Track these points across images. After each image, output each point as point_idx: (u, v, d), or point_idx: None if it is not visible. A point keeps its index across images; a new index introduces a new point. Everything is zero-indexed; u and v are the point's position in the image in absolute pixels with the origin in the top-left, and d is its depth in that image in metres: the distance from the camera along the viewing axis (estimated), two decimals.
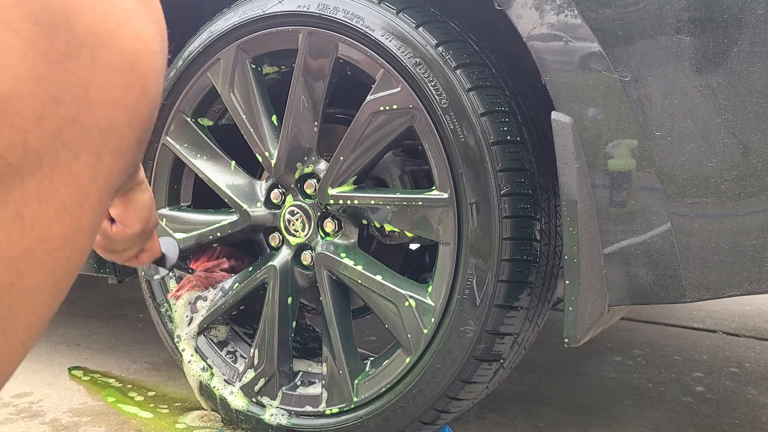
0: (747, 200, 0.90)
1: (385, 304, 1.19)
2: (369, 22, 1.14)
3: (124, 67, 0.40)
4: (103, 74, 0.39)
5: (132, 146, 0.42)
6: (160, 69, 0.44)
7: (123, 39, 0.40)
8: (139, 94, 0.41)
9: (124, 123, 0.41)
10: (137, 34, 0.41)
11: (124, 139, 0.41)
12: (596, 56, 0.95)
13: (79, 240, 0.41)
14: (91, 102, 0.38)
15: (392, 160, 1.29)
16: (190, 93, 1.39)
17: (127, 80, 0.40)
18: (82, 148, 0.39)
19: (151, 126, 0.44)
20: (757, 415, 1.53)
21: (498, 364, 1.16)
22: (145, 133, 0.43)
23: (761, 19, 0.86)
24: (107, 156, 0.40)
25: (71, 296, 2.61)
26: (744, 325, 2.32)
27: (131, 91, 0.41)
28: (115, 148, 0.41)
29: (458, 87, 1.08)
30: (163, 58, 0.45)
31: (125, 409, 1.52)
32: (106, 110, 0.39)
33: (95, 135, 0.39)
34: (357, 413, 1.23)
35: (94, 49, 0.38)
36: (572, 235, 0.99)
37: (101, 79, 0.39)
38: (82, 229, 0.41)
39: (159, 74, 0.43)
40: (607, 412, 1.53)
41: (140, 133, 0.43)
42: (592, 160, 0.97)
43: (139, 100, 0.41)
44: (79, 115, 0.38)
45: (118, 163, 0.41)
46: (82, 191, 0.40)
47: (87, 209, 0.40)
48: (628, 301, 0.99)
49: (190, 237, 1.41)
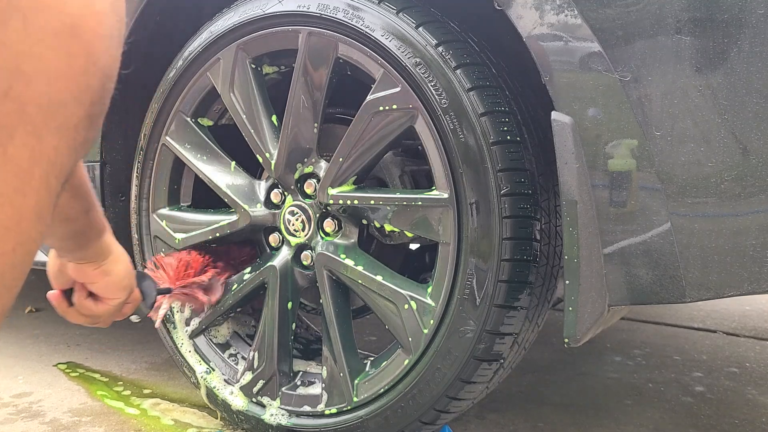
0: (747, 200, 0.90)
1: (385, 304, 1.19)
2: (369, 22, 1.14)
3: (64, 33, 0.35)
4: (38, 42, 0.34)
5: (81, 122, 0.37)
6: (112, 33, 0.38)
7: (62, 0, 0.35)
8: (85, 63, 0.36)
9: (68, 97, 0.36)
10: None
11: (71, 116, 0.36)
12: (596, 56, 0.95)
13: (22, 230, 0.36)
14: (26, 75, 0.34)
15: (392, 160, 1.29)
16: (190, 93, 1.39)
17: (68, 48, 0.35)
18: (18, 126, 0.34)
19: (103, 100, 0.39)
20: (757, 415, 1.53)
21: (498, 364, 1.16)
22: (96, 107, 0.38)
23: (761, 19, 0.86)
24: (50, 135, 0.36)
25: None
26: (744, 325, 2.32)
27: (74, 60, 0.35)
28: (60, 126, 0.36)
29: (458, 87, 1.08)
30: (117, 20, 0.39)
31: (111, 404, 1.52)
32: (45, 83, 0.35)
33: (34, 112, 0.34)
34: (357, 413, 1.23)
35: (27, 13, 0.33)
36: (572, 235, 0.99)
37: (37, 47, 0.34)
38: (26, 217, 0.36)
39: (110, 39, 0.38)
40: (607, 412, 1.53)
41: (90, 108, 0.38)
42: (592, 160, 0.97)
43: (86, 70, 0.36)
44: (11, 90, 0.33)
45: (65, 141, 0.37)
46: (21, 175, 0.35)
47: (30, 195, 0.36)
48: (628, 301, 0.99)
49: (190, 237, 1.41)
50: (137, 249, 1.50)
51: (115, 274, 0.75)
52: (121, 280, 0.77)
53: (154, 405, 1.55)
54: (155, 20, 1.47)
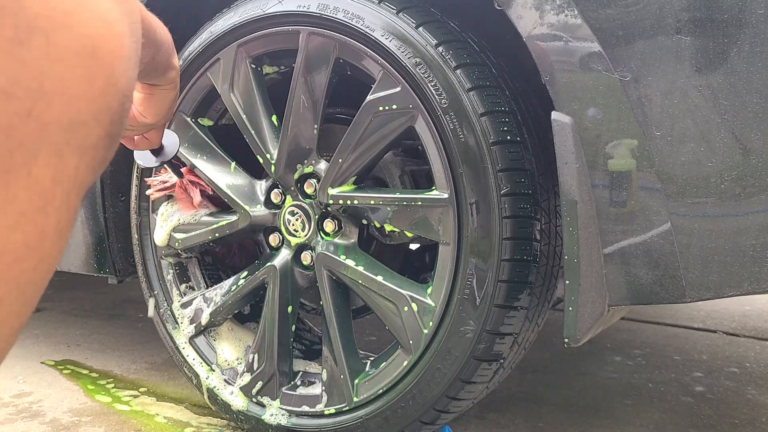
0: (747, 200, 0.90)
1: (384, 305, 1.19)
2: (369, 22, 1.14)
3: (84, 54, 0.35)
4: (60, 63, 0.34)
5: (100, 142, 0.38)
6: (130, 55, 0.39)
7: (82, 21, 0.35)
8: (105, 85, 0.37)
9: (88, 117, 0.36)
10: (99, 15, 0.36)
11: (90, 135, 0.37)
12: (596, 56, 0.95)
13: (44, 249, 0.37)
14: (47, 95, 0.34)
15: (392, 160, 1.29)
16: (190, 93, 1.39)
17: (88, 69, 0.36)
18: (41, 147, 0.34)
19: (122, 119, 0.40)
20: (757, 415, 1.53)
21: (498, 364, 1.16)
22: (115, 126, 0.39)
23: (761, 19, 0.86)
24: (71, 154, 0.36)
25: (71, 296, 2.62)
26: (744, 325, 2.32)
27: (94, 81, 0.36)
28: (80, 145, 0.37)
29: (458, 87, 1.08)
30: (134, 42, 0.40)
31: (110, 404, 1.52)
32: (66, 104, 0.35)
33: (55, 132, 0.35)
34: (357, 413, 1.23)
35: (49, 33, 0.34)
36: (572, 235, 0.99)
37: (58, 68, 0.34)
38: (47, 236, 0.36)
39: (128, 61, 0.39)
40: (607, 412, 1.53)
41: (109, 127, 0.38)
42: (592, 160, 0.97)
43: (105, 91, 0.37)
44: (34, 110, 0.34)
45: (85, 160, 0.37)
46: (44, 195, 0.35)
47: (51, 215, 0.36)
48: (628, 301, 0.99)
49: (190, 237, 1.41)
50: (137, 249, 1.50)
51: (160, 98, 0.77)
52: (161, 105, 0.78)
53: (154, 404, 1.55)
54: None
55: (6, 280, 0.35)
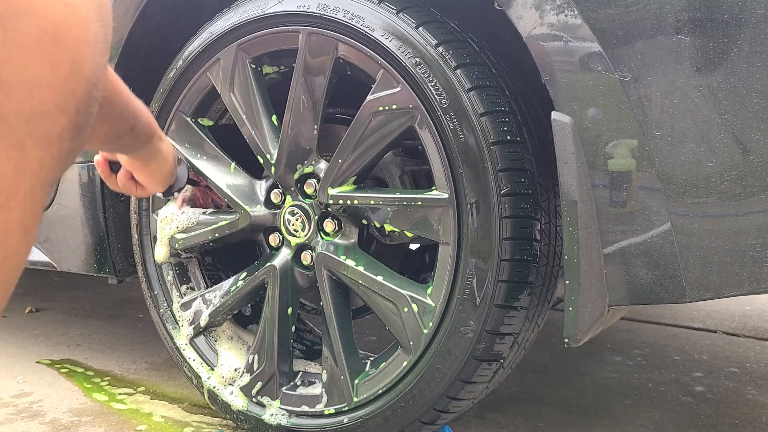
0: (747, 200, 0.89)
1: (385, 305, 1.19)
2: (369, 22, 1.14)
3: (45, 40, 0.33)
4: (19, 49, 0.32)
5: (65, 132, 0.36)
6: (97, 40, 0.37)
7: (43, 6, 0.33)
8: (69, 71, 0.35)
9: (51, 106, 0.34)
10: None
11: (55, 125, 0.35)
12: (596, 56, 0.95)
13: (9, 245, 0.35)
14: (6, 84, 0.32)
15: (392, 160, 1.29)
16: (190, 93, 1.40)
17: (50, 56, 0.34)
18: (1, 139, 0.33)
19: (89, 108, 0.38)
20: (757, 415, 1.53)
21: (498, 364, 1.16)
22: (82, 116, 0.37)
23: (761, 19, 0.86)
24: (34, 146, 0.34)
25: (71, 296, 2.62)
26: (744, 325, 2.32)
27: (57, 68, 0.34)
28: (44, 137, 0.35)
29: (458, 87, 1.08)
30: (102, 26, 0.37)
31: (109, 404, 1.52)
32: (27, 93, 0.33)
33: (15, 123, 0.33)
34: (357, 413, 1.23)
35: (5, 19, 0.32)
36: (572, 235, 0.99)
37: (17, 55, 0.32)
38: (11, 233, 0.35)
39: (95, 46, 0.37)
40: (607, 412, 1.53)
41: (75, 117, 0.36)
42: (592, 160, 0.97)
43: (70, 78, 0.35)
44: None
45: (50, 152, 0.35)
46: (6, 190, 0.34)
47: (15, 210, 0.34)
48: (628, 301, 0.99)
49: (190, 237, 1.41)
50: (137, 249, 1.50)
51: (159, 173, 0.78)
52: (163, 177, 0.81)
53: (154, 404, 1.55)
54: (155, 20, 1.47)
55: None
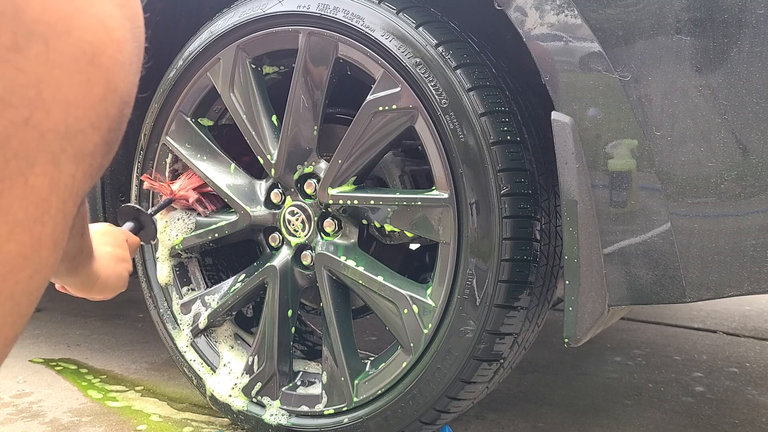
0: (747, 200, 0.89)
1: (385, 305, 1.19)
2: (369, 22, 1.14)
3: (83, 60, 0.34)
4: (58, 69, 0.33)
5: (97, 149, 0.37)
6: (130, 61, 0.38)
7: (82, 27, 0.34)
8: (104, 91, 0.36)
9: (86, 124, 0.35)
10: (99, 21, 0.35)
11: (88, 142, 0.36)
12: (596, 56, 0.95)
13: (40, 258, 0.36)
14: (46, 102, 0.33)
15: (392, 160, 1.29)
16: (190, 93, 1.39)
17: (87, 75, 0.35)
18: (39, 155, 0.33)
19: (120, 126, 0.39)
20: (757, 415, 1.53)
21: (498, 364, 1.16)
22: (113, 133, 0.38)
23: (761, 19, 0.86)
24: (68, 162, 0.35)
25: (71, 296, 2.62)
26: (744, 325, 2.32)
27: (93, 87, 0.35)
28: (77, 153, 0.36)
29: (458, 87, 1.08)
30: (136, 47, 0.39)
31: (109, 404, 1.52)
32: (64, 111, 0.34)
33: (53, 140, 0.34)
34: (357, 413, 1.23)
35: (48, 39, 0.33)
36: (572, 235, 0.99)
37: (57, 75, 0.33)
38: (44, 245, 0.36)
39: (128, 67, 0.38)
40: (607, 412, 1.53)
41: (107, 134, 0.37)
42: (592, 160, 0.97)
43: (104, 98, 0.36)
44: (32, 118, 0.33)
45: (82, 168, 0.36)
46: (41, 204, 0.35)
47: (48, 223, 0.35)
48: (628, 301, 0.99)
49: (190, 237, 1.41)
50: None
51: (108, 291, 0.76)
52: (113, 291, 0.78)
53: (154, 404, 1.55)
54: (155, 20, 1.47)
55: (0, 291, 0.34)
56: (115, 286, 0.79)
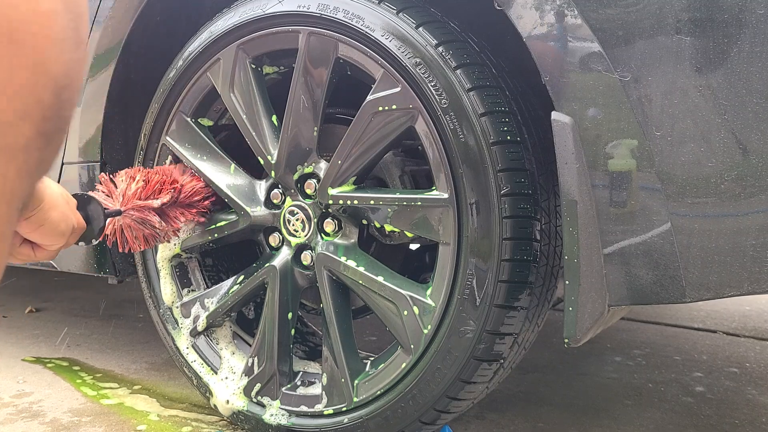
0: (747, 200, 0.89)
1: (385, 305, 1.19)
2: (369, 22, 1.14)
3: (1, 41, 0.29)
4: None
5: (32, 142, 0.32)
6: (65, 36, 0.32)
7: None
8: (31, 74, 0.30)
9: (11, 116, 0.30)
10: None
11: (18, 136, 0.31)
12: (596, 56, 0.95)
13: None
14: None
15: (392, 160, 1.29)
16: (190, 93, 1.39)
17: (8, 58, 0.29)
18: None
19: (60, 113, 0.33)
20: (757, 415, 1.53)
21: (498, 364, 1.16)
22: (51, 123, 0.33)
23: (761, 19, 0.86)
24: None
25: (71, 296, 2.62)
26: (744, 325, 2.32)
27: (17, 71, 0.30)
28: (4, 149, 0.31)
29: (458, 87, 1.08)
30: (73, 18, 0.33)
31: (108, 404, 1.52)
32: None
33: None
34: (357, 413, 1.23)
35: None
36: (572, 235, 0.99)
37: None
38: None
39: (63, 43, 0.32)
40: (607, 412, 1.53)
41: (42, 125, 0.32)
42: (592, 160, 0.97)
43: (34, 82, 0.31)
44: None
45: (16, 165, 0.31)
46: None
47: None
48: (628, 301, 0.99)
49: (189, 237, 1.41)
50: None
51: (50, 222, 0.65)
52: (56, 227, 0.67)
53: (153, 404, 1.55)
54: (155, 20, 1.47)
55: None
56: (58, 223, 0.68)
